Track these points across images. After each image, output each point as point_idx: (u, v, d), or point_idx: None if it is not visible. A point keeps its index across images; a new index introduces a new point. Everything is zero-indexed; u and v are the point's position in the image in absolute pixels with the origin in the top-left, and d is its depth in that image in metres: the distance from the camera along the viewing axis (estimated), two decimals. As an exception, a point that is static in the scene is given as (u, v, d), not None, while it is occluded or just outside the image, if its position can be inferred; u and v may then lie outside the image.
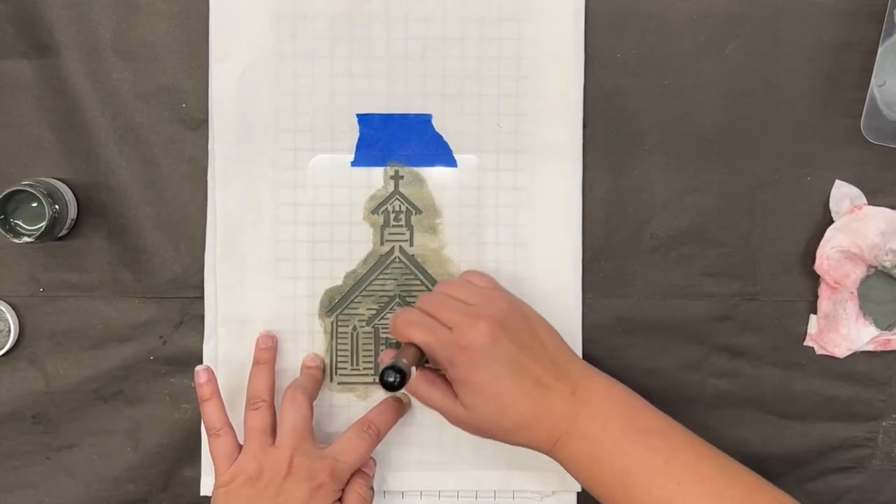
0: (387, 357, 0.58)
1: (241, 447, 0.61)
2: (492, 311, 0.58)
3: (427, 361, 0.59)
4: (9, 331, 0.65)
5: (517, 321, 0.58)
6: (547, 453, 0.58)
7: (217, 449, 0.61)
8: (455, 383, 0.57)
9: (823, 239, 0.65)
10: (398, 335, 0.59)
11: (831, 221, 0.65)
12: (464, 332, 0.57)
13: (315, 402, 0.64)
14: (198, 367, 0.63)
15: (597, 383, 0.58)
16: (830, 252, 0.64)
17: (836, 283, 0.64)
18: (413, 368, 0.56)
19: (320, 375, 0.65)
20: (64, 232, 0.64)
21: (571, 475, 0.58)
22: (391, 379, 0.54)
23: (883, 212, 0.65)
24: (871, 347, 0.66)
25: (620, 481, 0.55)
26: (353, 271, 0.66)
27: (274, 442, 0.61)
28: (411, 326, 0.58)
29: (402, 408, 0.65)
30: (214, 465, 0.61)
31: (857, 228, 0.64)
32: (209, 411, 0.62)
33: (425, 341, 0.57)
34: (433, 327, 0.58)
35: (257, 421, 0.61)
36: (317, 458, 0.60)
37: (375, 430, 0.63)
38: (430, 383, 0.59)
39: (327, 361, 0.66)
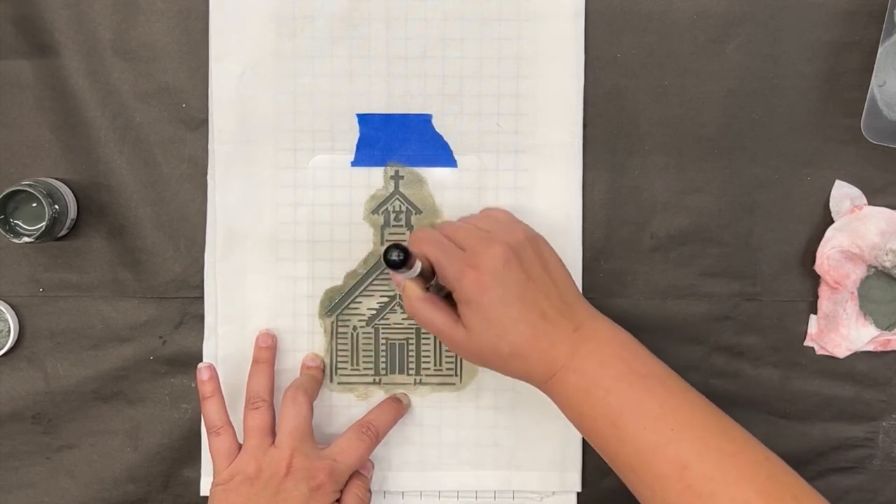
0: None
1: (240, 446, 0.61)
2: (507, 237, 0.58)
3: (435, 284, 0.59)
4: (9, 331, 0.65)
5: (531, 254, 0.58)
6: (541, 387, 0.57)
7: (216, 447, 0.61)
8: (460, 303, 0.57)
9: (824, 239, 0.65)
10: (412, 249, 0.58)
11: (831, 221, 0.65)
12: (476, 253, 0.57)
13: (315, 403, 0.64)
14: (200, 365, 0.63)
15: (601, 324, 0.58)
16: (831, 252, 0.64)
17: (836, 283, 0.64)
18: (418, 262, 0.56)
19: (320, 376, 0.65)
20: (64, 232, 0.64)
21: (563, 412, 0.57)
22: (394, 256, 0.52)
23: (883, 212, 0.65)
24: (871, 347, 0.66)
25: (612, 421, 0.54)
26: (353, 271, 0.66)
27: (273, 442, 0.61)
28: (425, 242, 0.58)
29: (401, 409, 0.65)
30: (213, 463, 0.61)
31: (857, 228, 0.64)
32: (210, 409, 0.62)
33: (436, 257, 0.57)
34: (446, 245, 0.58)
35: (257, 420, 0.61)
36: (316, 459, 0.60)
37: (374, 432, 0.63)
38: (434, 304, 0.58)
39: (327, 361, 0.66)
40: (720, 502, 0.51)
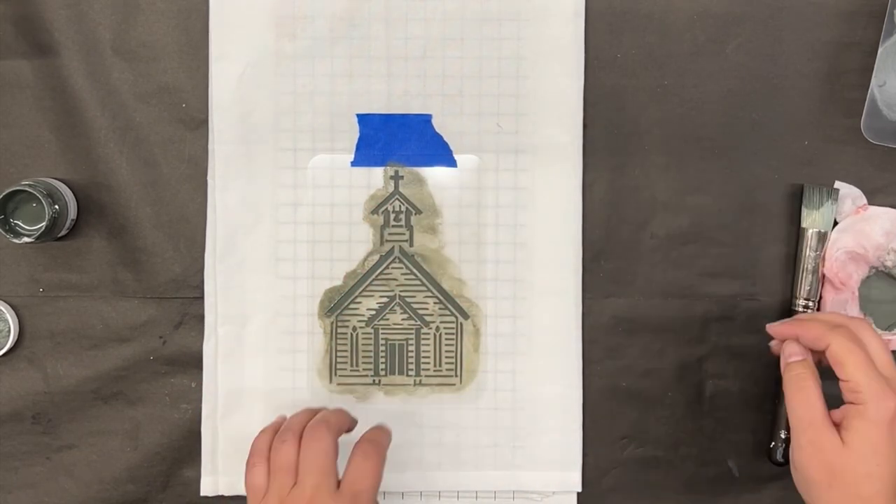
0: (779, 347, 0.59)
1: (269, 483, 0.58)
2: None
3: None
4: (9, 331, 0.65)
5: None
6: None
7: (249, 481, 0.58)
8: (855, 411, 0.56)
9: (830, 241, 0.64)
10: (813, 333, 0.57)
11: (831, 221, 0.65)
12: (876, 397, 0.55)
13: (314, 404, 0.63)
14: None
15: None
16: (837, 254, 0.64)
17: (841, 283, 0.64)
18: None
19: (353, 417, 0.62)
20: (64, 232, 0.64)
21: None
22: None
23: (888, 212, 0.65)
24: (871, 348, 0.65)
25: None
26: (353, 271, 0.66)
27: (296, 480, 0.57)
28: (845, 344, 0.56)
29: (388, 432, 0.61)
30: (248, 497, 0.58)
31: (862, 229, 0.64)
32: (261, 439, 0.59)
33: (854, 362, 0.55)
34: (864, 362, 0.55)
35: (282, 457, 0.58)
36: (337, 498, 0.56)
37: (376, 445, 0.60)
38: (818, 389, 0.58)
39: (327, 361, 0.66)
40: None
